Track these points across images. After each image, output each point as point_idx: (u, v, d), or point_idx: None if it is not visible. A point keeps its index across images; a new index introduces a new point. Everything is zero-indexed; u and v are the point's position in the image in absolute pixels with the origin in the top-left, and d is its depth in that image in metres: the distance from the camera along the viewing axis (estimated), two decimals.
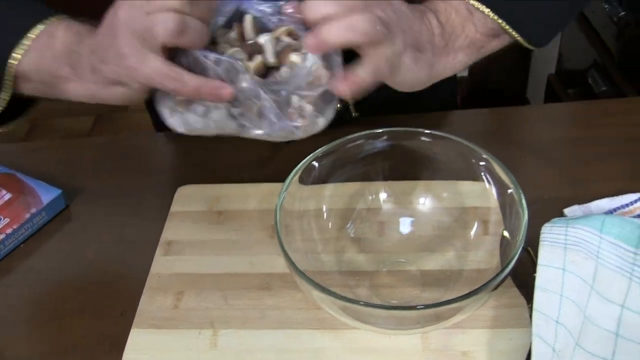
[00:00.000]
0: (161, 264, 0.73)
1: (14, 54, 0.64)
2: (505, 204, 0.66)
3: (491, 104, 0.91)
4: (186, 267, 0.73)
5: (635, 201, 0.76)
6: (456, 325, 0.62)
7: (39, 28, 0.64)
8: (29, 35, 0.64)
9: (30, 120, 2.48)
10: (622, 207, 0.76)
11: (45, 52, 0.64)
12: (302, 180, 0.68)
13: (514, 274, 0.68)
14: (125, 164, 0.90)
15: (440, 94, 0.91)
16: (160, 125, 1.05)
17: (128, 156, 0.92)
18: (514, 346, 0.62)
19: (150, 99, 0.63)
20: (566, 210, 0.76)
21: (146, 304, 0.69)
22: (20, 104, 0.71)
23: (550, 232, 0.66)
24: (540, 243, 0.65)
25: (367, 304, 0.57)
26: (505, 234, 0.67)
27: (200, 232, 0.77)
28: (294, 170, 0.67)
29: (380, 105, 0.78)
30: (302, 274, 0.58)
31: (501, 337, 0.63)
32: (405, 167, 0.60)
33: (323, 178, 0.69)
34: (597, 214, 0.74)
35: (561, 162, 0.84)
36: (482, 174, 0.68)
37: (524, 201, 0.63)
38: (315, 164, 0.68)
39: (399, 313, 0.59)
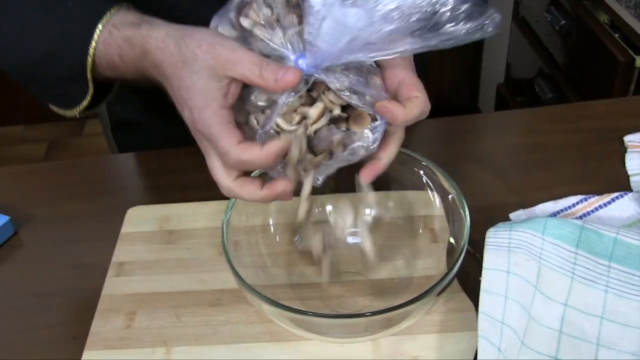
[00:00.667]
0: (113, 285, 0.73)
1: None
2: (449, 210, 0.68)
3: (444, 116, 0.93)
4: (138, 287, 0.73)
5: (577, 203, 0.79)
6: (406, 331, 0.64)
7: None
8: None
9: None
10: (566, 209, 0.78)
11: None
12: None
13: (462, 279, 0.70)
14: (75, 189, 0.90)
15: None
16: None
17: (78, 181, 0.91)
18: (462, 349, 0.63)
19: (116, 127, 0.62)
20: (512, 215, 0.78)
21: (98, 326, 0.69)
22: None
23: (495, 236, 0.68)
24: (485, 247, 0.67)
25: (315, 314, 0.58)
26: (452, 240, 0.68)
27: (151, 252, 0.77)
28: None
29: None
30: (250, 288, 0.59)
31: (449, 341, 0.64)
32: (351, 178, 0.61)
33: None
34: (541, 217, 0.76)
35: (507, 169, 0.87)
36: (425, 181, 0.69)
37: (465, 206, 0.65)
38: None
39: (348, 321, 0.60)
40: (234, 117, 0.55)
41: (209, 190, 0.64)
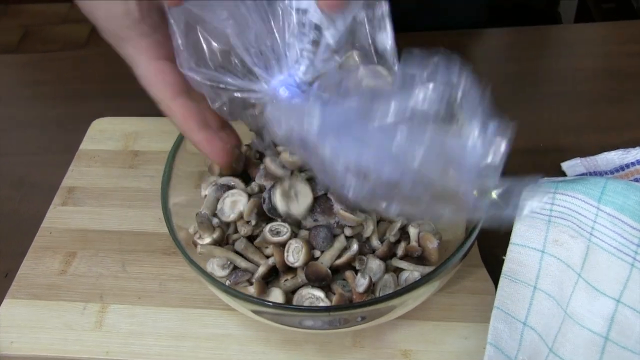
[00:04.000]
0: (56, 217, 0.61)
1: None
2: None
3: (518, 21, 0.74)
4: (84, 222, 0.60)
5: None
6: (400, 315, 0.49)
7: None
8: None
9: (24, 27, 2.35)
10: (638, 163, 0.60)
11: None
12: None
13: (486, 248, 0.54)
14: (40, 88, 0.76)
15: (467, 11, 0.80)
16: None
17: (45, 79, 0.78)
18: (468, 347, 0.48)
19: None
20: (564, 165, 0.60)
21: (29, 267, 0.57)
22: None
23: (532, 199, 0.50)
24: (517, 214, 0.50)
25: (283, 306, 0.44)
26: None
27: (109, 178, 0.63)
28: None
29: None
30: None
31: (454, 333, 0.49)
32: None
33: None
34: (599, 176, 0.58)
35: (569, 99, 0.68)
36: None
37: None
38: None
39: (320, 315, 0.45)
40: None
41: None
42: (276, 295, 0.47)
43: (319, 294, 0.47)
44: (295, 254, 0.47)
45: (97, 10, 0.42)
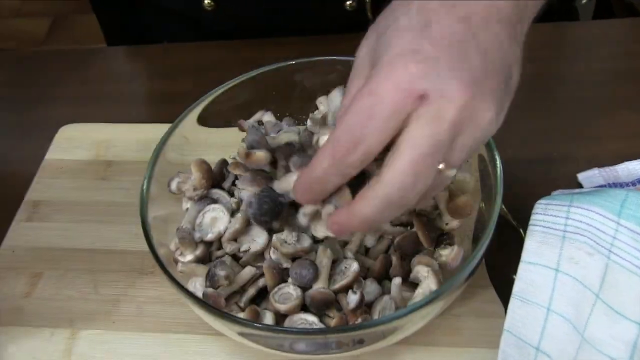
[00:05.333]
0: (19, 234, 0.62)
1: None
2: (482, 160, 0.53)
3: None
4: (51, 239, 0.62)
5: None
6: (401, 339, 0.50)
7: None
8: None
9: None
10: None
11: None
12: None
13: (495, 267, 0.56)
14: (4, 89, 0.78)
15: None
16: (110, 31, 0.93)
17: (9, 80, 0.79)
18: None
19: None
20: (581, 176, 0.62)
21: None
22: None
23: (546, 213, 0.53)
24: (529, 229, 0.52)
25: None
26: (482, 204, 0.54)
27: (78, 191, 0.65)
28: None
29: None
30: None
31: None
32: None
33: None
34: (620, 188, 0.60)
35: (585, 103, 0.70)
36: None
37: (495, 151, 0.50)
38: None
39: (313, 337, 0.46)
40: None
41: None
42: (268, 318, 0.49)
43: (312, 318, 0.48)
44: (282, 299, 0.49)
45: None
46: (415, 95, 0.37)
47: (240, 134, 0.57)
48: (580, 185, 0.62)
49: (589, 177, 0.62)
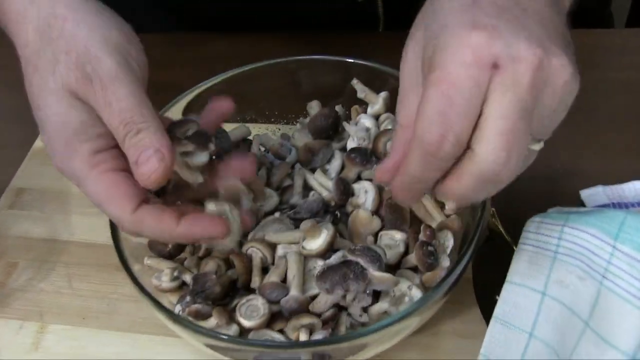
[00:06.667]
0: (0, 221, 0.61)
1: None
2: None
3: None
4: (30, 228, 0.61)
5: None
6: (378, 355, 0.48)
7: None
8: None
9: None
10: None
11: None
12: None
13: (481, 283, 0.53)
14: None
15: None
16: None
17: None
18: None
19: None
20: (584, 193, 0.59)
21: None
22: None
23: (537, 232, 0.50)
24: (519, 247, 0.49)
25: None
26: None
27: (64, 181, 0.62)
28: None
29: None
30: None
31: None
32: None
33: None
34: (624, 206, 0.58)
35: (595, 116, 0.67)
36: None
37: None
38: None
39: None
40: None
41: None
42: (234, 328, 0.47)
43: (278, 336, 0.47)
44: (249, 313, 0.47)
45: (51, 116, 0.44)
46: (488, 65, 0.36)
47: (227, 126, 0.56)
48: (582, 204, 0.59)
49: (592, 194, 0.59)
